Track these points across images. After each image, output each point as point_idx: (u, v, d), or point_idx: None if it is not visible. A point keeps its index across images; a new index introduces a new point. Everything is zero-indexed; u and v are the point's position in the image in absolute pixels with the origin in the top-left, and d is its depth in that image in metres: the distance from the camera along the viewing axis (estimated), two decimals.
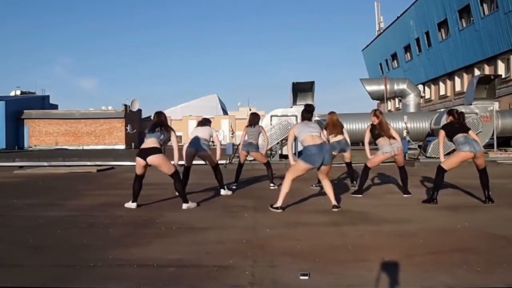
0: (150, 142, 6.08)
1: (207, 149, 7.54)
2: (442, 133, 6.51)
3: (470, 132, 6.39)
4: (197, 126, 7.92)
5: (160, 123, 6.26)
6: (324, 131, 7.75)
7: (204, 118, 8.17)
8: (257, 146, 8.63)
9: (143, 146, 6.14)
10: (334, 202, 5.86)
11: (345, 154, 8.46)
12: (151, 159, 5.98)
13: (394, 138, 7.07)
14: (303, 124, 6.03)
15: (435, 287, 2.94)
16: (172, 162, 6.15)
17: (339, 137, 8.28)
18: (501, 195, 6.78)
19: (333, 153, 8.17)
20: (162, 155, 6.04)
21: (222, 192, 7.48)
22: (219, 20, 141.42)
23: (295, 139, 6.15)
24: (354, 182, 8.25)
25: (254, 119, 8.65)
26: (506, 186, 8.32)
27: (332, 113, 8.58)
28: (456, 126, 6.39)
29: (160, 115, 6.44)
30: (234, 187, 8.22)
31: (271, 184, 8.39)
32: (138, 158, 6.08)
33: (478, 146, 6.19)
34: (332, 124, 8.29)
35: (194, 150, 7.49)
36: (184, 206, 6.06)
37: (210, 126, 7.97)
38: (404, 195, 7.04)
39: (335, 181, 9.44)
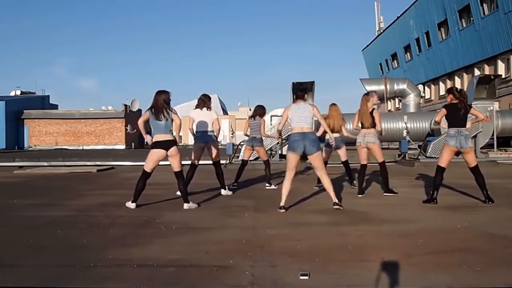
0: (163, 136, 5.97)
1: (215, 141, 7.34)
2: (443, 111, 6.27)
3: (472, 110, 6.33)
4: (197, 108, 7.39)
5: (161, 108, 5.95)
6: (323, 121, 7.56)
7: (204, 95, 7.44)
8: (261, 140, 8.58)
9: (156, 139, 5.97)
10: (334, 199, 5.80)
11: (339, 151, 8.35)
12: (172, 150, 5.96)
13: (368, 128, 6.98)
14: (296, 109, 5.92)
15: (435, 287, 2.94)
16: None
17: (335, 134, 8.10)
18: (501, 195, 6.78)
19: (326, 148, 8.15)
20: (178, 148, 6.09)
21: (223, 192, 7.45)
22: (219, 20, 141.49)
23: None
24: (354, 182, 8.20)
25: (256, 111, 8.57)
26: (506, 186, 8.32)
27: (332, 105, 8.45)
28: (461, 113, 6.17)
29: (160, 96, 6.02)
30: (234, 187, 8.20)
31: (267, 184, 8.40)
32: (157, 150, 5.96)
33: (465, 142, 6.12)
34: (330, 118, 8.14)
35: (204, 143, 7.24)
36: (185, 206, 6.05)
37: (211, 106, 7.44)
38: (384, 194, 7.05)
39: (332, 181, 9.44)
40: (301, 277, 3.07)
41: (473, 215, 5.42)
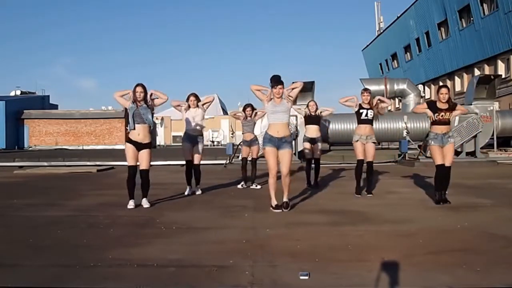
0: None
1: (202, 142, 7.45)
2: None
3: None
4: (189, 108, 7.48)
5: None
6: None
7: (191, 95, 7.57)
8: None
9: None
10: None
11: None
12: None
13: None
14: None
15: (435, 287, 2.94)
16: None
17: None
18: (501, 195, 6.78)
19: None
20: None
21: (199, 192, 7.46)
22: (219, 20, 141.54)
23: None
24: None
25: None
26: (506, 186, 8.31)
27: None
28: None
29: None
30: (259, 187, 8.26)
31: (239, 184, 8.47)
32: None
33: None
34: None
35: (191, 144, 7.38)
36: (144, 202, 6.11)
37: (200, 104, 7.45)
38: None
39: (332, 181, 9.44)
40: (301, 277, 3.07)
41: (473, 215, 5.42)
